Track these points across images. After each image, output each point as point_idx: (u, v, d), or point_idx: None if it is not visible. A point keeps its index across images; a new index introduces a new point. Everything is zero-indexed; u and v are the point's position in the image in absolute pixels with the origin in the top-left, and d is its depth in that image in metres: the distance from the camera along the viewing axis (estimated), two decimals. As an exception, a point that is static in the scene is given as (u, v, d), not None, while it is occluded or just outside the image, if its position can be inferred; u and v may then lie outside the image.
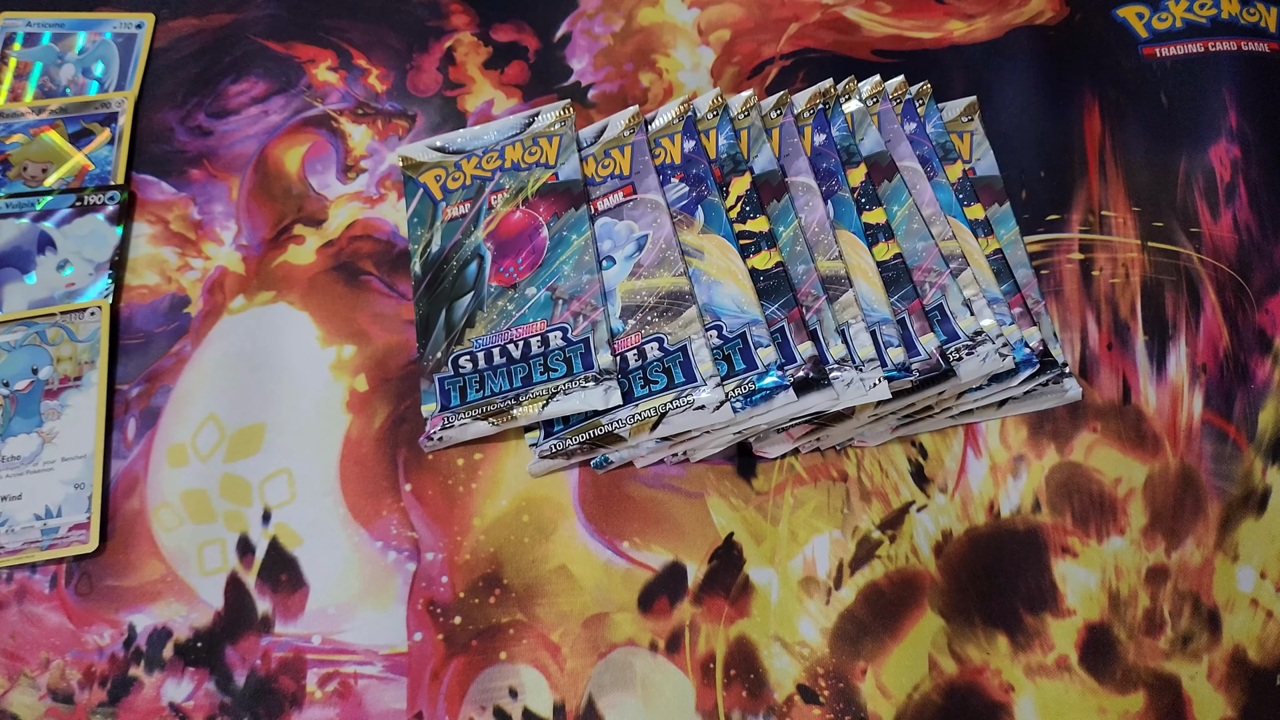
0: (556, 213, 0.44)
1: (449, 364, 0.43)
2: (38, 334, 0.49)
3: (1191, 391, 0.47)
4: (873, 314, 0.44)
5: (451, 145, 0.52)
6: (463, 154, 0.52)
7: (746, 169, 0.49)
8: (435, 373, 0.43)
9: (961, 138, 0.52)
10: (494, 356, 0.43)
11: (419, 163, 0.52)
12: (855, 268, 0.46)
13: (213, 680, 0.43)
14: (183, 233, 0.52)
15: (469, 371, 0.42)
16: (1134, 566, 0.44)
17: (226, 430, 0.47)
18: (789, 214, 0.47)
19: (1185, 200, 0.51)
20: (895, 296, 0.45)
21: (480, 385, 0.43)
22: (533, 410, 0.42)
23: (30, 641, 0.44)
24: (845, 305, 0.45)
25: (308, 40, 0.57)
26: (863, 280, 0.45)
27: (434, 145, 0.52)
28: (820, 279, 0.45)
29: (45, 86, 0.56)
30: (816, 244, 0.46)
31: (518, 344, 0.43)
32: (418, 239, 0.46)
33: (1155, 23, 0.56)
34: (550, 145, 0.50)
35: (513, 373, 0.43)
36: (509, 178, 0.45)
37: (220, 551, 0.45)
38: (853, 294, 0.45)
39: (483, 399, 0.43)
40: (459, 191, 0.50)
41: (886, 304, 0.45)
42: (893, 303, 0.45)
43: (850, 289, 0.45)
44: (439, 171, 0.51)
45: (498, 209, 0.43)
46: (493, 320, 0.43)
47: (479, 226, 0.44)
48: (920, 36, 0.56)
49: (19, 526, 0.45)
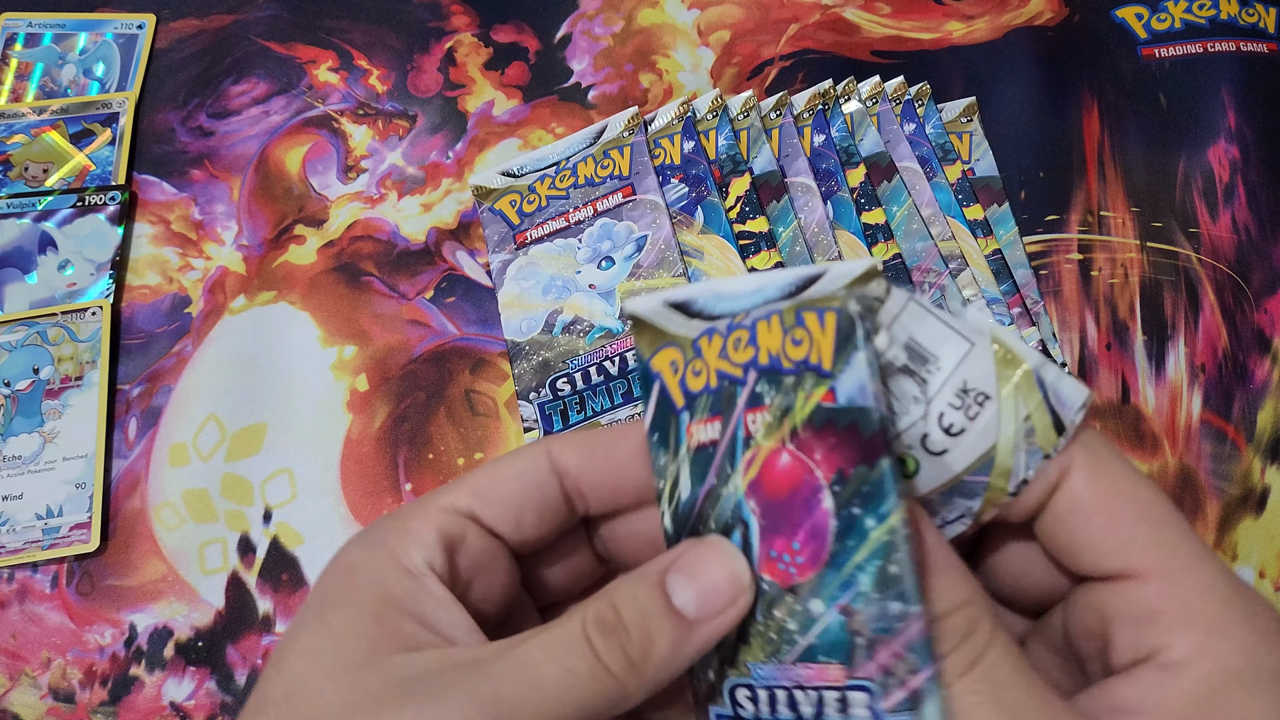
0: (841, 467, 0.22)
1: (724, 697, 0.25)
2: (39, 334, 0.49)
3: (1190, 391, 0.48)
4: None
5: (521, 168, 0.52)
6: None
7: (746, 169, 0.49)
8: (708, 703, 0.25)
9: (960, 138, 0.52)
10: (779, 704, 0.24)
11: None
12: (855, 268, 0.46)
13: (214, 680, 0.43)
14: (184, 233, 0.52)
15: (750, 716, 0.24)
16: (1133, 566, 0.44)
17: (228, 430, 0.47)
18: (788, 214, 0.47)
19: (1184, 201, 0.51)
20: (895, 297, 0.45)
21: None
22: None
23: (31, 641, 0.44)
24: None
25: (309, 41, 0.57)
26: (862, 280, 0.46)
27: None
28: (820, 279, 0.45)
29: (46, 87, 0.56)
30: (816, 244, 0.47)
31: (809, 696, 0.23)
32: (663, 472, 0.25)
33: (1154, 23, 0.56)
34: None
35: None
36: (769, 383, 0.23)
37: (221, 551, 0.45)
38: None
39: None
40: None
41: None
42: (892, 303, 0.45)
43: (850, 289, 0.45)
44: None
45: (758, 441, 0.23)
46: (771, 640, 0.24)
47: (736, 470, 0.24)
48: (919, 37, 0.56)
49: (20, 526, 0.45)
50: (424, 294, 0.51)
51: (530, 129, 0.55)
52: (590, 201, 0.50)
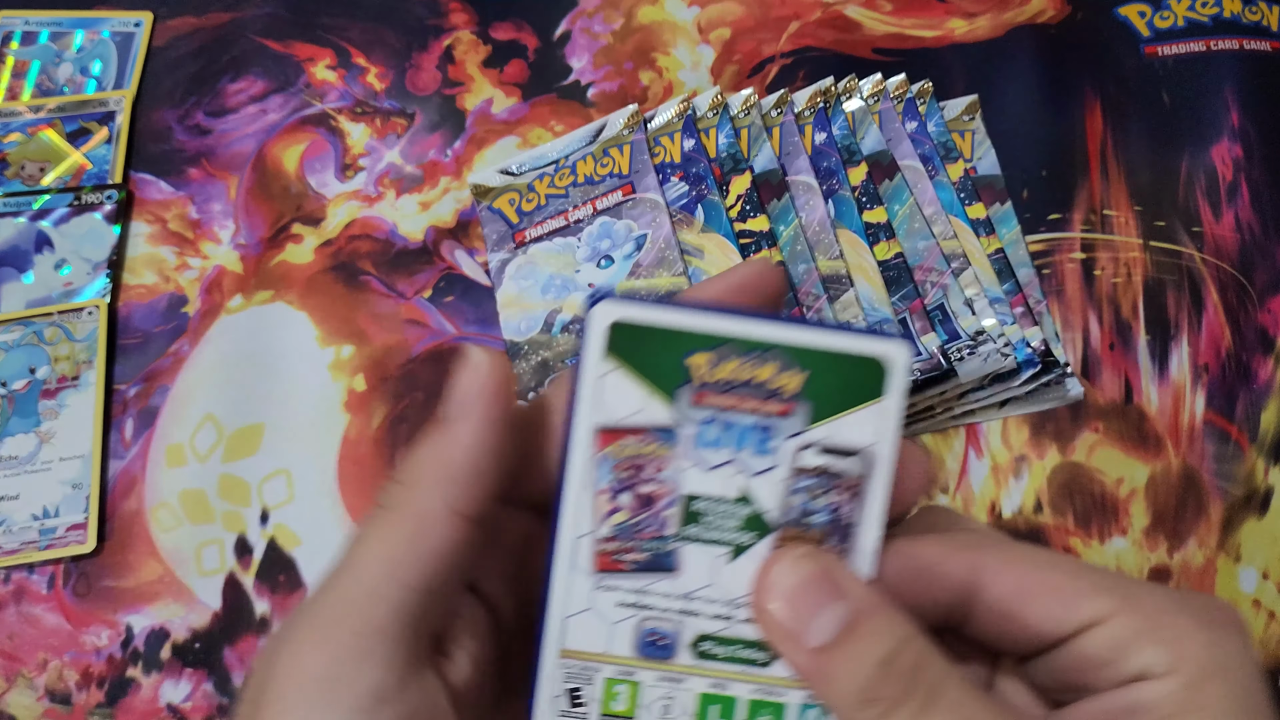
0: None
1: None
2: (35, 333, 0.49)
3: (1193, 392, 0.47)
4: (874, 313, 0.44)
5: (520, 167, 0.51)
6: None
7: (747, 168, 0.49)
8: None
9: (963, 136, 0.52)
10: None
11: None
12: (856, 267, 0.46)
13: (211, 681, 0.43)
14: (181, 232, 0.52)
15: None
16: (1136, 567, 0.44)
17: (225, 430, 0.47)
18: (789, 213, 0.47)
19: (1187, 200, 0.51)
20: (896, 296, 0.45)
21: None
22: None
23: (28, 642, 0.44)
24: (846, 305, 0.44)
25: (306, 39, 0.57)
26: (863, 279, 0.45)
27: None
28: (821, 278, 0.45)
29: (43, 85, 0.56)
30: (817, 243, 0.46)
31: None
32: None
33: (1157, 21, 0.56)
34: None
35: None
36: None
37: (218, 552, 0.45)
38: (853, 293, 0.45)
39: None
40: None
41: (888, 303, 0.44)
42: (894, 302, 0.45)
43: (851, 288, 0.45)
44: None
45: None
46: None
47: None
48: (921, 35, 0.56)
49: (17, 527, 0.45)
50: (422, 293, 0.50)
51: (529, 127, 0.54)
52: (590, 200, 0.49)
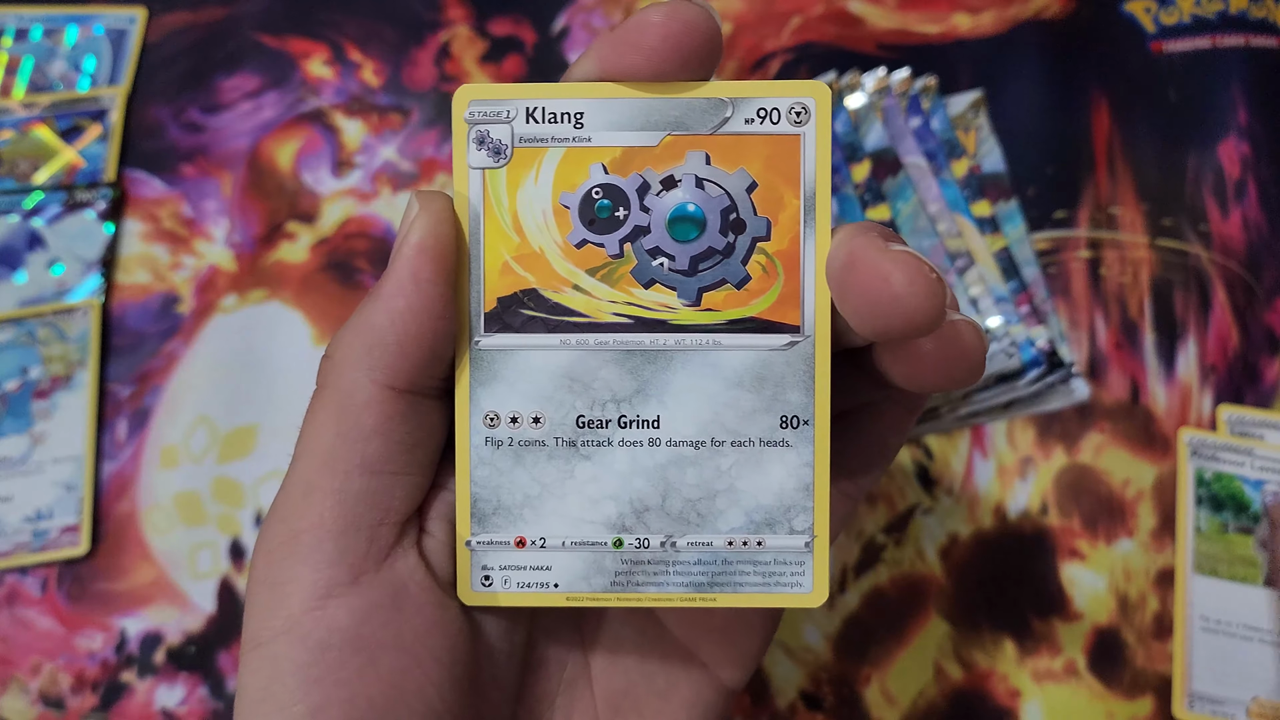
0: None
1: None
2: (28, 333, 0.48)
3: (1201, 392, 0.47)
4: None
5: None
6: None
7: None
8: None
9: (967, 133, 0.51)
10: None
11: None
12: (859, 266, 0.45)
13: (206, 686, 0.42)
14: (174, 230, 0.51)
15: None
16: (1143, 569, 0.44)
17: (219, 431, 0.47)
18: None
19: (1194, 198, 0.50)
20: (900, 295, 0.44)
21: None
22: None
23: (21, 646, 0.43)
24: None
25: (302, 34, 0.56)
26: (867, 279, 0.45)
27: None
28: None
29: (36, 82, 0.55)
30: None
31: None
32: None
33: (1163, 17, 0.55)
34: None
35: None
36: None
37: (212, 555, 0.44)
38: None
39: None
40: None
41: (891, 303, 0.44)
42: (897, 302, 0.44)
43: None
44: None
45: None
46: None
47: None
48: (925, 30, 0.55)
49: (9, 529, 0.44)
50: (420, 292, 0.50)
51: (528, 124, 0.54)
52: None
